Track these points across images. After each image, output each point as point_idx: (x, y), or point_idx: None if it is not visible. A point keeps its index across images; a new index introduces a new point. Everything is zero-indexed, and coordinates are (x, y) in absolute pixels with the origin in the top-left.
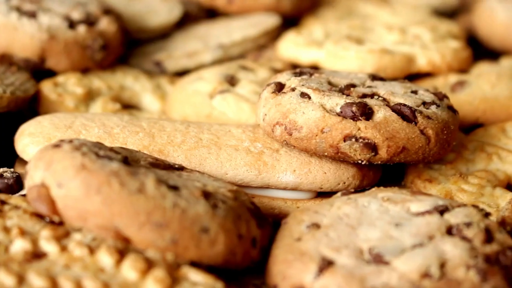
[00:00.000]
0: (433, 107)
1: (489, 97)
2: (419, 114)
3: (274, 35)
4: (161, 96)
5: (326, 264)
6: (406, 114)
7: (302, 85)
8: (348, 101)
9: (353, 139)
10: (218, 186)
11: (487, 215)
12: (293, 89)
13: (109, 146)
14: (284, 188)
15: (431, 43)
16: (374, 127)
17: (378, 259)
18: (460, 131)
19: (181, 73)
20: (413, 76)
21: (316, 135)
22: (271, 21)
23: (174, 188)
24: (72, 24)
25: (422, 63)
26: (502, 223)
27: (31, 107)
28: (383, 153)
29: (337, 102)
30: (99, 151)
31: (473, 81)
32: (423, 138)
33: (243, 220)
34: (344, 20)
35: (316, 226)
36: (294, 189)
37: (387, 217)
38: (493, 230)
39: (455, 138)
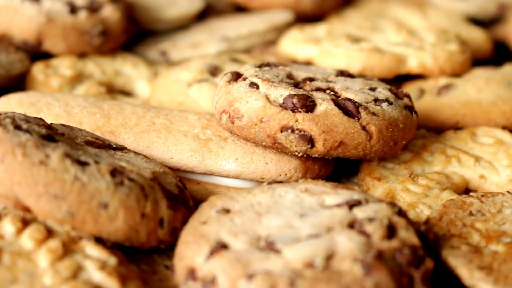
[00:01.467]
0: (384, 105)
1: (472, 101)
2: (363, 110)
3: (284, 31)
4: None
5: (217, 248)
6: (349, 109)
7: (255, 76)
8: (292, 92)
9: (289, 130)
10: (144, 167)
11: (400, 212)
12: (244, 79)
13: (65, 123)
14: (227, 176)
15: (429, 45)
16: (312, 120)
17: (270, 247)
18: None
19: None
20: (409, 77)
21: (256, 124)
22: (281, 17)
23: (82, 164)
24: (73, 9)
25: (412, 64)
26: (426, 222)
27: (21, 86)
28: (319, 146)
29: (281, 93)
30: (23, 124)
31: (461, 85)
32: (364, 134)
33: (150, 200)
34: (362, 21)
35: (225, 211)
36: (236, 177)
37: (296, 208)
38: (398, 228)
39: (406, 138)
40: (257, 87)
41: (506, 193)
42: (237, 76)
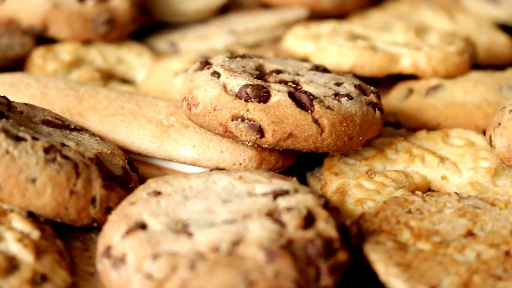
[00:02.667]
0: (343, 99)
1: (457, 103)
2: (317, 103)
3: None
4: None
5: (134, 227)
6: (302, 101)
7: (220, 65)
8: (248, 82)
9: (240, 119)
10: (91, 148)
11: (326, 204)
12: (209, 68)
13: (37, 105)
14: (184, 163)
15: (427, 46)
16: (262, 110)
17: (184, 230)
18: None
19: None
20: (408, 78)
21: (209, 112)
22: (292, 13)
23: (18, 139)
24: None
25: (405, 64)
26: (361, 217)
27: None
28: (269, 137)
29: (239, 83)
30: None
31: (449, 86)
32: (315, 127)
33: (82, 178)
34: (377, 21)
35: (156, 193)
36: (193, 164)
37: (224, 194)
38: (318, 219)
39: (364, 134)
40: (218, 76)
41: (453, 193)
42: (204, 65)
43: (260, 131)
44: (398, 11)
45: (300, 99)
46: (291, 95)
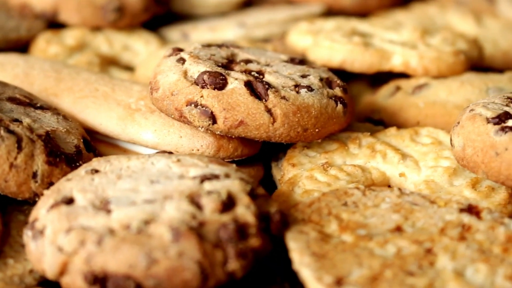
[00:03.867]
0: (302, 91)
1: (438, 103)
2: (272, 93)
3: None
4: None
5: (59, 202)
6: (258, 90)
7: (189, 52)
8: (207, 69)
9: (193, 105)
10: (46, 125)
11: (252, 191)
12: (177, 54)
13: (18, 84)
14: (146, 146)
15: (424, 45)
16: (215, 96)
17: (105, 207)
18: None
19: None
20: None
21: (167, 97)
22: (305, 9)
23: None
24: None
25: (396, 62)
26: (294, 206)
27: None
28: (220, 123)
29: (199, 69)
30: None
31: (435, 85)
32: (267, 116)
33: (24, 152)
34: (387, 20)
35: (94, 171)
36: (154, 148)
37: (155, 175)
38: (238, 204)
39: (322, 126)
40: (183, 63)
41: (396, 189)
42: (175, 52)
43: (212, 118)
44: (423, 13)
45: (256, 88)
46: (247, 83)
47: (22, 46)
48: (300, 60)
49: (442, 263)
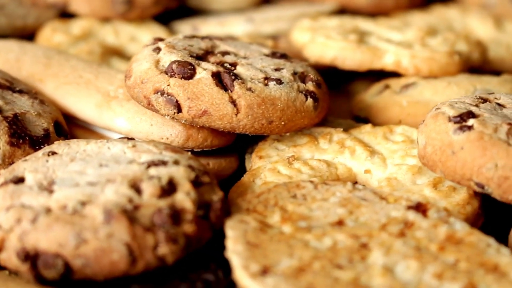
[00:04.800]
0: (271, 83)
1: (421, 102)
2: (238, 84)
3: None
4: None
5: (9, 180)
6: (224, 81)
7: (167, 42)
8: (178, 59)
9: (160, 93)
10: (17, 108)
11: (197, 178)
12: (155, 43)
13: (7, 68)
14: (120, 133)
15: (421, 46)
16: (181, 86)
17: (49, 187)
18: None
19: None
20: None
21: (138, 85)
22: (316, 7)
23: None
24: None
25: (388, 61)
26: (240, 195)
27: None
28: (185, 112)
29: (171, 59)
30: None
31: (422, 85)
32: (230, 107)
33: None
34: (396, 21)
35: (52, 153)
36: (127, 135)
37: (106, 159)
38: (178, 190)
39: (288, 120)
40: (158, 52)
41: (349, 184)
42: (155, 41)
43: (177, 106)
44: (442, 15)
45: (222, 79)
46: (215, 74)
47: (29, 34)
48: (282, 55)
49: (374, 258)
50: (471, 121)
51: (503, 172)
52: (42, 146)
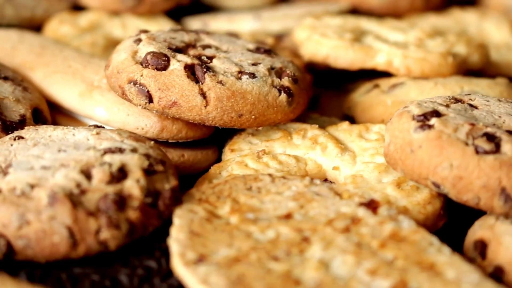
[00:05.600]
0: (244, 77)
1: (406, 102)
2: (209, 77)
3: None
4: None
5: None
6: (196, 73)
7: (150, 34)
8: (154, 50)
9: (133, 83)
10: (0, 94)
11: (150, 167)
12: (137, 35)
13: (1, 56)
14: (100, 122)
15: (416, 46)
16: (153, 76)
17: (5, 170)
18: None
19: None
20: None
21: (114, 75)
22: (323, 6)
23: None
24: None
25: (380, 60)
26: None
27: None
28: (156, 103)
29: (147, 50)
30: None
31: (409, 85)
32: (200, 99)
33: None
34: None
35: (19, 137)
36: (106, 124)
37: (66, 145)
38: (129, 177)
39: (257, 113)
40: (139, 43)
41: (307, 179)
42: (140, 33)
43: (149, 97)
44: (458, 19)
45: (194, 71)
46: (188, 66)
47: (38, 25)
48: (266, 50)
49: (312, 252)
50: (433, 120)
51: (458, 172)
52: (15, 131)
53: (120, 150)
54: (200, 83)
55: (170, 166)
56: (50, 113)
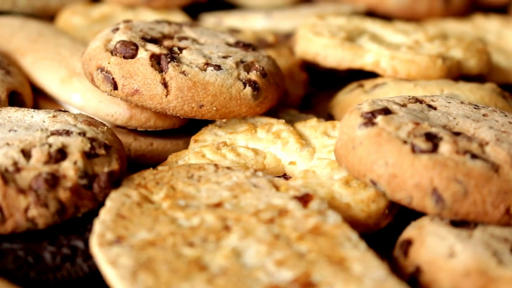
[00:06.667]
0: (209, 69)
1: None
2: (173, 67)
3: None
4: None
5: None
6: (161, 63)
7: (130, 23)
8: (124, 39)
9: (100, 70)
10: None
11: (92, 150)
12: (118, 25)
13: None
14: (76, 108)
15: (407, 48)
16: (119, 64)
17: None
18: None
19: None
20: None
21: (86, 62)
22: (334, 7)
23: None
24: None
25: (368, 60)
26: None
27: None
28: (120, 90)
29: (119, 39)
30: None
31: (390, 86)
32: (161, 88)
33: None
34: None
35: None
36: (81, 110)
37: (20, 126)
38: (68, 159)
39: (218, 105)
40: (115, 32)
41: (251, 170)
42: (121, 23)
43: (114, 84)
44: (479, 25)
45: (159, 59)
46: (155, 56)
47: (51, 15)
48: (246, 44)
49: (229, 241)
50: (378, 118)
51: (393, 170)
52: None
53: (67, 133)
54: (164, 72)
55: (117, 151)
56: (36, 97)
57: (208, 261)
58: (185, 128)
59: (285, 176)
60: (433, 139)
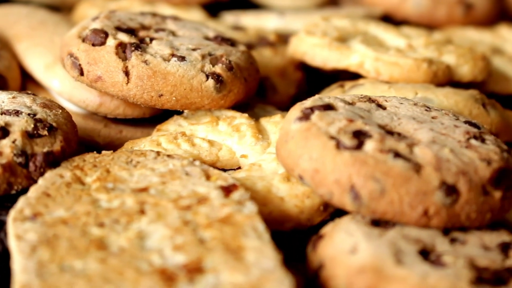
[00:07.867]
0: (173, 59)
1: None
2: (136, 56)
3: None
4: None
5: None
6: (125, 50)
7: (110, 13)
8: (96, 27)
9: (69, 56)
10: None
11: (35, 130)
12: (100, 13)
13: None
14: (57, 93)
15: (395, 51)
16: (86, 51)
17: None
18: None
19: None
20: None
21: (61, 47)
22: (347, 10)
23: None
24: None
25: (353, 61)
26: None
27: None
28: (85, 76)
29: (93, 27)
30: None
31: (366, 87)
32: (122, 76)
33: None
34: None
35: None
36: (60, 95)
37: None
38: (8, 137)
39: (178, 95)
40: (95, 20)
41: (189, 159)
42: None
43: (80, 70)
44: (499, 34)
45: (124, 48)
46: (122, 44)
47: (70, 6)
48: (224, 39)
49: (138, 224)
50: (315, 114)
51: (316, 164)
52: None
53: (17, 113)
54: (127, 60)
55: (63, 133)
56: (25, 82)
57: (111, 242)
58: (159, 118)
59: (238, 169)
60: (360, 137)
